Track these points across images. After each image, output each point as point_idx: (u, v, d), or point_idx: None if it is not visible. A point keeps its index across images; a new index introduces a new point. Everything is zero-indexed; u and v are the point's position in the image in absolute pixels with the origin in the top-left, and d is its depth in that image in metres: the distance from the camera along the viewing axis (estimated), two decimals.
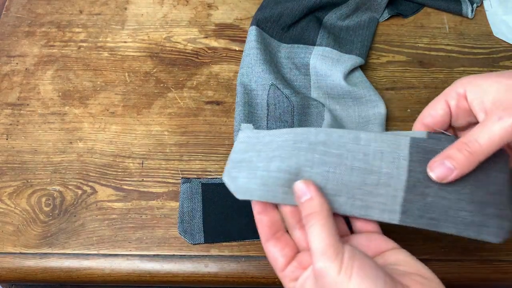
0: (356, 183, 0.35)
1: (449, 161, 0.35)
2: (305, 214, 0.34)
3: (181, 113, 0.54)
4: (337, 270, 0.31)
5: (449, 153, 0.35)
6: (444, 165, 0.35)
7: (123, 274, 0.46)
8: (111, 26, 0.61)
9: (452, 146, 0.35)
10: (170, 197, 0.49)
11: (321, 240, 0.32)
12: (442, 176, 0.35)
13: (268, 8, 0.58)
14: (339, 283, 0.31)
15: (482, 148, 0.34)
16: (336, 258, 0.32)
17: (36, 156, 0.51)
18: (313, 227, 0.33)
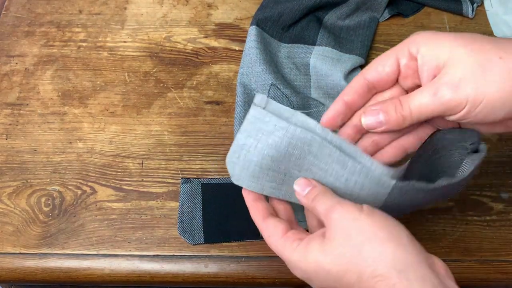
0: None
1: (383, 115, 0.35)
2: (311, 198, 0.35)
3: (181, 113, 0.54)
4: (359, 209, 0.32)
5: (387, 108, 0.35)
6: (377, 117, 0.35)
7: (122, 275, 0.46)
8: (111, 26, 0.60)
9: (391, 101, 0.35)
10: (170, 197, 0.49)
11: (331, 198, 0.34)
12: (371, 125, 0.36)
13: (268, 8, 0.58)
14: (361, 219, 0.32)
15: (412, 116, 0.34)
16: (355, 205, 0.33)
17: (35, 156, 0.51)
18: (320, 199, 0.34)
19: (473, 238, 0.47)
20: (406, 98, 0.34)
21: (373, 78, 0.37)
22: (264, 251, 0.46)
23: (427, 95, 0.33)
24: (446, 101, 0.33)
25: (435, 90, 0.33)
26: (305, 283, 0.45)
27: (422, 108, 0.34)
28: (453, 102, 0.33)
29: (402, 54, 0.35)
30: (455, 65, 0.33)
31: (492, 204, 0.49)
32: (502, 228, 0.48)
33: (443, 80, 0.33)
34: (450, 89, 0.32)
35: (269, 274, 0.46)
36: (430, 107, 0.33)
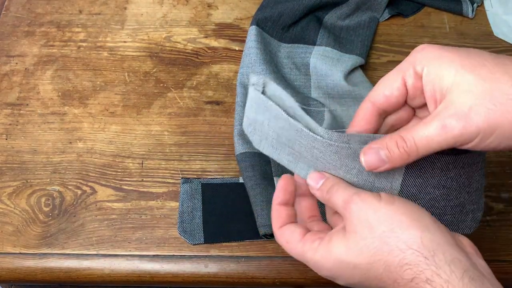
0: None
1: (384, 152, 0.33)
2: (325, 190, 0.34)
3: (181, 113, 0.54)
4: (377, 199, 0.32)
5: (387, 144, 0.33)
6: (378, 155, 0.33)
7: (122, 275, 0.46)
8: (111, 26, 0.60)
9: (392, 137, 0.33)
10: (170, 197, 0.49)
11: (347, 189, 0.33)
12: (373, 165, 0.33)
13: (268, 8, 0.58)
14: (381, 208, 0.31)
15: (418, 151, 0.32)
16: (372, 193, 0.32)
17: (35, 156, 0.51)
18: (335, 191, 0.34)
19: (473, 238, 0.47)
20: (410, 133, 0.32)
21: (382, 105, 0.35)
22: (264, 251, 0.46)
23: (434, 128, 0.31)
24: (457, 135, 0.30)
25: (443, 122, 0.31)
26: (305, 283, 0.45)
27: (430, 141, 0.31)
28: (464, 136, 0.30)
29: (408, 74, 0.34)
30: (462, 92, 0.31)
31: (492, 204, 0.49)
32: (502, 228, 0.48)
33: (451, 111, 0.31)
34: (460, 121, 0.30)
35: (269, 274, 0.45)
36: (438, 141, 0.31)
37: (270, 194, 0.46)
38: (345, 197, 0.33)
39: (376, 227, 0.31)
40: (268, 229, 0.44)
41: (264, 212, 0.45)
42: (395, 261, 0.30)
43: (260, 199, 0.46)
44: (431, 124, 0.31)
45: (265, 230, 0.44)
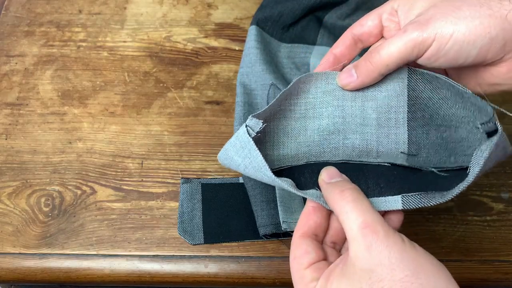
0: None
1: (354, 69, 0.35)
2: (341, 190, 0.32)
3: (181, 113, 0.54)
4: (401, 239, 0.29)
5: (358, 62, 0.35)
6: (349, 73, 0.36)
7: (122, 275, 0.46)
8: (111, 26, 0.60)
9: (363, 56, 0.35)
10: (170, 197, 0.49)
11: (371, 213, 0.30)
12: (345, 82, 0.36)
13: (268, 7, 0.58)
14: (407, 249, 0.28)
15: (382, 60, 0.34)
16: (399, 234, 0.29)
17: (35, 156, 0.51)
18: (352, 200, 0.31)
19: (474, 238, 0.47)
20: (377, 46, 0.34)
21: (358, 32, 0.38)
22: (264, 251, 0.46)
23: (396, 37, 0.33)
24: (415, 38, 0.32)
25: (404, 28, 0.33)
26: None
27: (391, 49, 0.33)
28: (421, 38, 0.32)
29: (384, 10, 0.37)
30: (429, 8, 0.33)
31: (493, 204, 0.49)
32: (503, 228, 0.48)
33: (414, 20, 0.33)
34: (418, 25, 0.32)
35: (269, 274, 0.45)
36: (399, 47, 0.33)
37: (270, 194, 0.46)
38: (366, 220, 0.29)
39: (399, 270, 0.28)
40: (268, 229, 0.44)
41: (264, 212, 0.45)
42: None
43: (260, 199, 0.46)
44: (394, 34, 0.34)
45: (265, 230, 0.44)
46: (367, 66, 0.34)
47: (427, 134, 0.36)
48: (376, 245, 0.28)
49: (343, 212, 0.31)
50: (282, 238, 0.46)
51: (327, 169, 0.36)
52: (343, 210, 0.31)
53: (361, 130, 0.38)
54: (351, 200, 0.31)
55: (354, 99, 0.37)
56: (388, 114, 0.37)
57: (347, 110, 0.38)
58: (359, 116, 0.38)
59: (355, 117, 0.38)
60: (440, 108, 0.35)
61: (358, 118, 0.38)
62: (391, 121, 0.37)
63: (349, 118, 0.38)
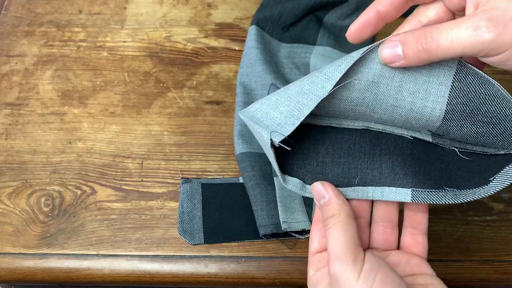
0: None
1: (402, 47, 0.30)
2: (326, 216, 0.33)
3: (181, 113, 0.54)
4: (355, 277, 0.29)
5: (407, 38, 0.29)
6: (395, 50, 0.30)
7: (122, 275, 0.46)
8: (111, 26, 0.60)
9: (414, 32, 0.29)
10: (170, 197, 0.49)
11: (339, 243, 0.31)
12: (387, 59, 0.30)
13: (268, 7, 0.58)
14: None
15: (438, 50, 0.28)
16: (353, 262, 0.30)
17: (35, 156, 0.51)
18: (331, 230, 0.32)
19: (474, 238, 0.47)
20: (435, 28, 0.28)
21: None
22: (264, 251, 0.46)
23: (465, 28, 0.27)
24: (488, 40, 0.27)
25: (477, 23, 0.27)
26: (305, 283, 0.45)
27: (454, 42, 0.27)
28: (496, 43, 0.27)
29: None
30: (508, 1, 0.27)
31: (493, 204, 0.49)
32: (503, 228, 0.48)
33: (490, 14, 0.27)
34: (497, 26, 0.27)
35: (269, 274, 0.45)
36: (464, 44, 0.27)
37: (270, 194, 0.46)
38: (331, 251, 0.31)
39: None
40: (268, 229, 0.44)
41: (264, 213, 0.45)
42: None
43: (260, 199, 0.46)
44: (463, 23, 0.28)
45: (265, 230, 0.44)
46: (419, 50, 0.29)
47: (461, 127, 0.33)
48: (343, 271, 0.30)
49: (327, 239, 0.32)
50: (282, 238, 0.46)
51: (314, 187, 0.35)
52: (327, 237, 0.33)
53: (391, 110, 0.34)
54: (330, 227, 0.32)
55: (392, 77, 0.32)
56: (425, 102, 0.33)
57: (382, 88, 0.33)
58: (393, 97, 0.33)
59: (388, 97, 0.33)
60: (485, 103, 0.32)
61: (391, 99, 0.33)
62: (426, 109, 0.33)
63: (382, 96, 0.33)
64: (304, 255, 0.46)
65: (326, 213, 0.33)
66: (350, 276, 0.29)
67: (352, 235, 0.31)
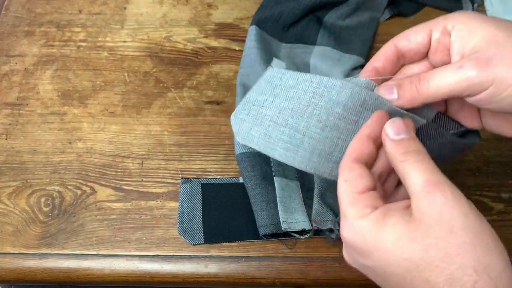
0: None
1: (397, 89, 0.33)
2: (405, 151, 0.30)
3: (181, 113, 0.54)
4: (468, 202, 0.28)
5: (401, 82, 0.33)
6: (391, 91, 0.33)
7: (122, 275, 0.46)
8: (111, 26, 0.60)
9: (409, 76, 0.33)
10: (170, 197, 0.49)
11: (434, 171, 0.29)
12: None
13: (268, 7, 0.58)
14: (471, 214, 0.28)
15: (429, 91, 0.31)
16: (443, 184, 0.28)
17: (35, 156, 0.51)
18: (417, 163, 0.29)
19: None
20: (427, 73, 0.32)
21: (404, 47, 0.35)
22: (264, 251, 0.46)
23: (450, 70, 0.30)
24: (472, 77, 0.29)
25: (460, 64, 0.30)
26: (305, 283, 0.45)
27: (442, 82, 0.31)
28: (478, 79, 0.29)
29: (436, 28, 0.34)
30: (489, 44, 0.30)
31: (493, 204, 0.49)
32: (503, 228, 0.47)
33: (472, 56, 0.30)
34: (477, 64, 0.29)
35: (269, 274, 0.45)
36: (451, 82, 0.30)
37: (270, 194, 0.46)
38: (430, 178, 0.29)
39: (459, 235, 0.27)
40: (268, 229, 0.44)
41: (264, 213, 0.45)
42: (465, 281, 0.26)
43: (260, 199, 0.46)
44: (449, 66, 0.31)
45: (265, 230, 0.44)
46: (412, 92, 0.32)
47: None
48: (442, 206, 0.28)
49: (405, 173, 0.30)
50: (282, 238, 0.46)
51: (393, 122, 0.32)
52: (405, 171, 0.30)
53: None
54: (413, 161, 0.30)
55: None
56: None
57: (360, 123, 0.34)
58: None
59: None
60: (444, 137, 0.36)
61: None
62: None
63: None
64: (304, 255, 0.46)
65: (407, 147, 0.31)
66: (465, 203, 0.28)
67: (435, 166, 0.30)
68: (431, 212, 0.28)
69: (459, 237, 0.27)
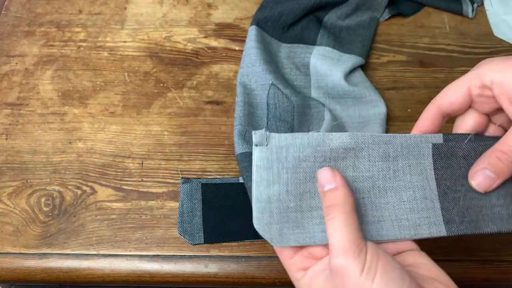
0: (394, 203, 0.35)
1: (490, 170, 0.34)
2: (327, 205, 0.32)
3: (181, 113, 0.54)
4: (359, 270, 0.29)
5: (490, 162, 0.34)
6: (485, 175, 0.34)
7: (122, 275, 0.46)
8: (111, 26, 0.60)
9: (491, 154, 0.34)
10: (170, 197, 0.49)
11: (342, 235, 0.30)
12: (485, 186, 0.34)
13: (268, 7, 0.58)
14: (360, 284, 0.29)
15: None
16: (358, 256, 0.30)
17: (35, 156, 0.51)
18: (334, 220, 0.31)
19: (474, 238, 0.47)
20: (503, 144, 0.34)
21: (446, 108, 0.37)
22: (264, 251, 0.46)
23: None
24: None
25: None
26: None
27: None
28: None
29: (473, 84, 0.35)
30: None
31: None
32: None
33: None
34: None
35: (269, 274, 0.45)
36: None
37: None
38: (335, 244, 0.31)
39: None
40: None
41: None
42: None
43: None
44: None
45: None
46: (508, 166, 0.34)
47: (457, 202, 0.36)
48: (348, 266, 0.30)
49: (327, 228, 0.32)
50: None
51: (320, 172, 0.33)
52: (327, 226, 0.32)
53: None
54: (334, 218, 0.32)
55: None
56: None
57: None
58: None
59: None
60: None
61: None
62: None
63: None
64: None
65: (330, 201, 0.32)
66: (355, 269, 0.30)
67: (356, 226, 0.31)
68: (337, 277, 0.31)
69: None
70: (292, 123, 0.50)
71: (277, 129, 0.50)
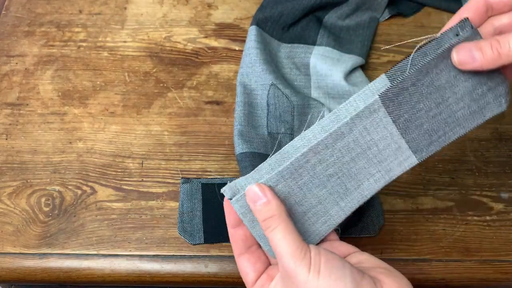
0: (364, 165, 0.36)
1: (477, 51, 0.33)
2: (264, 218, 0.34)
3: (181, 113, 0.54)
4: (307, 270, 0.32)
5: (480, 45, 0.33)
6: (470, 53, 0.34)
7: (122, 275, 0.46)
8: (111, 26, 0.60)
9: (487, 40, 0.34)
10: (170, 197, 0.49)
11: (288, 243, 0.33)
12: (464, 61, 0.34)
13: (268, 7, 0.58)
14: (309, 281, 0.31)
15: (509, 54, 0.33)
16: (304, 257, 0.32)
17: (35, 156, 0.51)
18: (276, 231, 0.33)
19: (473, 238, 0.47)
20: (505, 37, 0.33)
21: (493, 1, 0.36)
22: None
23: None
24: None
25: None
26: None
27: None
28: None
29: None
30: None
31: (492, 204, 0.49)
32: (502, 228, 0.48)
33: None
34: None
35: None
36: None
37: None
38: (282, 252, 0.33)
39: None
40: None
41: None
42: None
43: None
44: None
45: None
46: (493, 54, 0.33)
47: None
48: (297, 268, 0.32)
49: (270, 239, 0.34)
50: None
51: (248, 190, 0.35)
52: (269, 237, 0.34)
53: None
54: (273, 229, 0.34)
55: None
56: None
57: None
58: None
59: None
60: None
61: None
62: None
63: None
64: None
65: (265, 214, 0.34)
66: (304, 269, 0.32)
67: (296, 231, 0.33)
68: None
69: None
70: (292, 123, 0.50)
71: (277, 129, 0.50)
